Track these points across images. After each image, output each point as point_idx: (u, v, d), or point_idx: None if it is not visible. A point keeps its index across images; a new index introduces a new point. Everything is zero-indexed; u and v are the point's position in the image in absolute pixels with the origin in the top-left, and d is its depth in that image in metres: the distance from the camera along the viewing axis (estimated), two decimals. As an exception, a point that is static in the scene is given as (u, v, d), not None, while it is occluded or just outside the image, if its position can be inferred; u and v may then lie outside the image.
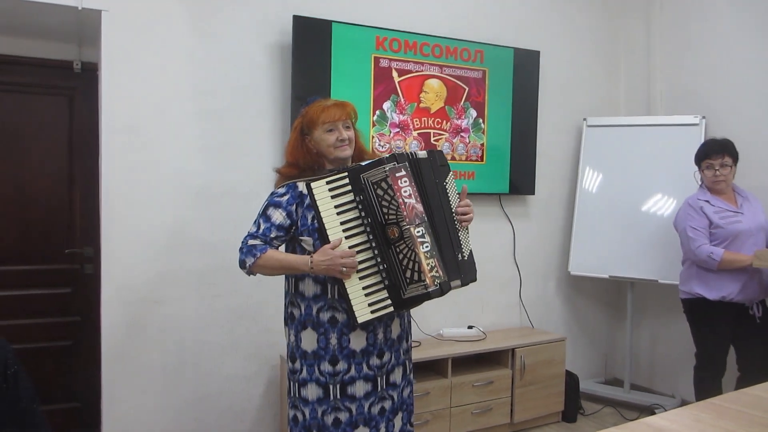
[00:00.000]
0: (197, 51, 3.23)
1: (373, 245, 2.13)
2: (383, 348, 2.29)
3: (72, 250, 3.60)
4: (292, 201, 2.24)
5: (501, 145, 3.96)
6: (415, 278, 2.11)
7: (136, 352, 3.13)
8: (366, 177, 2.12)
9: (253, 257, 2.18)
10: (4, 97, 3.46)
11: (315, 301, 2.24)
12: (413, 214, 2.14)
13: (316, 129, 2.28)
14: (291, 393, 2.33)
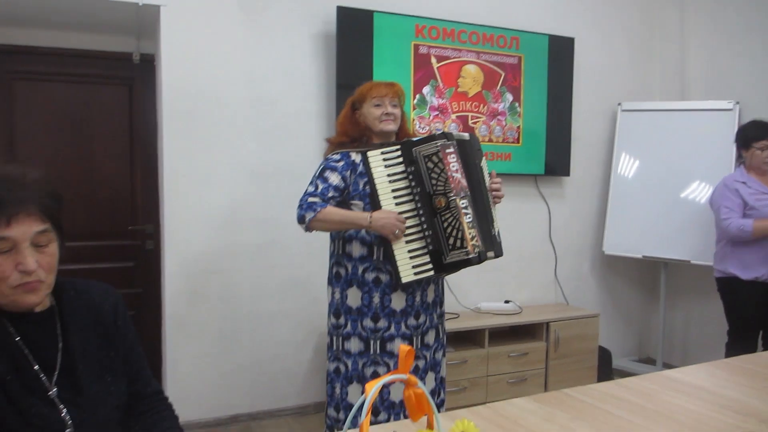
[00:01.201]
0: (249, 40, 3.45)
1: (420, 213, 2.34)
2: (420, 310, 2.50)
3: (134, 227, 3.89)
4: (346, 167, 2.44)
5: (537, 128, 4.11)
6: (457, 245, 2.33)
7: (196, 319, 3.40)
8: (418, 150, 2.34)
9: (314, 212, 2.37)
10: (72, 88, 3.75)
11: (361, 262, 2.45)
12: (459, 187, 2.35)
13: (365, 103, 2.51)
14: (333, 347, 2.55)
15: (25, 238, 1.22)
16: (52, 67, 3.68)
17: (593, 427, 1.42)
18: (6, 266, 1.21)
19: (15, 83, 3.61)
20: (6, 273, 1.21)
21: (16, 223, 1.20)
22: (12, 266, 1.21)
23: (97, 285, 1.49)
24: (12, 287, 1.22)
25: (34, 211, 1.23)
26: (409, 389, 0.87)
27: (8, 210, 1.19)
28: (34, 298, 1.27)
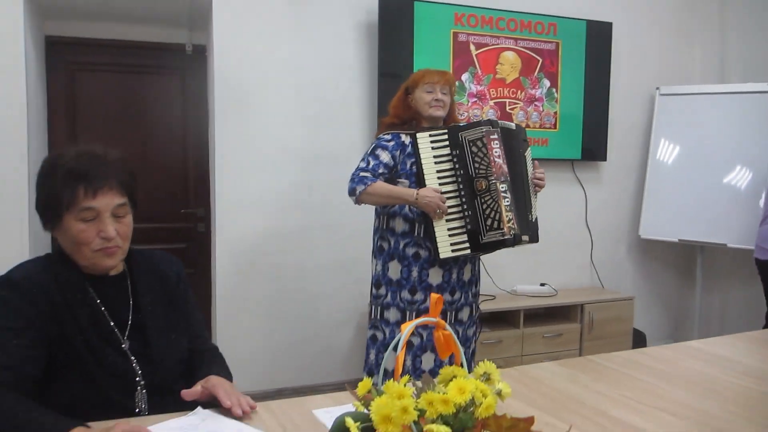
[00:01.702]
0: (295, 30, 3.61)
1: (462, 194, 2.51)
2: (455, 287, 2.65)
3: (187, 210, 4.11)
4: (396, 147, 2.61)
5: (574, 113, 4.17)
6: (494, 226, 2.48)
7: (244, 299, 3.59)
8: (464, 135, 2.52)
9: (364, 185, 2.53)
10: (128, 77, 3.97)
11: (403, 237, 2.62)
12: (500, 172, 2.51)
13: (417, 88, 2.67)
14: (372, 316, 2.73)
15: (107, 209, 1.40)
16: (110, 58, 3.91)
17: (614, 388, 1.54)
18: (90, 233, 1.39)
19: (77, 74, 3.85)
20: (89, 238, 1.39)
21: (101, 196, 1.39)
22: (95, 233, 1.39)
23: (162, 254, 1.68)
24: (93, 251, 1.41)
25: (115, 186, 1.41)
26: (439, 331, 1.01)
27: (94, 184, 1.38)
28: (111, 262, 1.46)
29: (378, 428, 0.87)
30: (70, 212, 1.37)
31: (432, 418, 0.90)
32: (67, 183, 1.37)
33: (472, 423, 0.93)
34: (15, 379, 1.27)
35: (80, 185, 1.37)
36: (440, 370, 1.00)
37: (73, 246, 1.41)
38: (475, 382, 0.93)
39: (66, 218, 1.38)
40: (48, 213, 1.41)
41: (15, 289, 1.36)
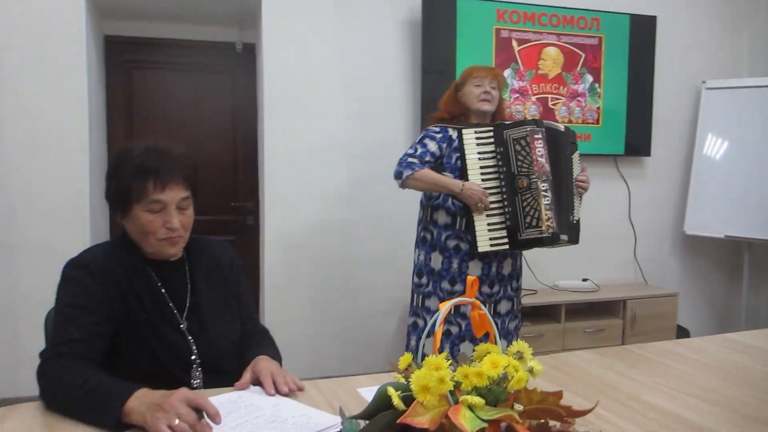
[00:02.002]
0: (341, 28, 3.71)
1: (503, 191, 2.58)
2: (494, 280, 2.72)
3: (236, 203, 4.26)
4: (443, 140, 2.70)
5: (617, 108, 4.17)
6: (533, 224, 2.54)
7: (291, 289, 3.71)
8: (508, 133, 2.59)
9: (411, 170, 2.61)
10: (180, 75, 4.13)
11: (445, 229, 2.70)
12: (542, 171, 2.57)
13: (467, 83, 2.75)
14: (414, 303, 2.82)
15: (173, 202, 1.52)
16: (164, 56, 4.08)
17: (649, 375, 1.59)
18: (156, 223, 1.51)
19: (133, 72, 4.03)
20: (156, 228, 1.51)
21: (168, 190, 1.50)
22: (161, 223, 1.51)
23: (218, 242, 1.79)
24: (158, 239, 1.53)
25: (181, 180, 1.53)
26: (474, 311, 1.08)
27: (163, 178, 1.49)
28: (174, 250, 1.58)
29: (417, 397, 0.95)
30: (140, 204, 1.49)
31: (467, 390, 0.97)
32: (138, 176, 1.48)
33: (504, 396, 1.00)
34: (85, 351, 1.39)
35: (150, 179, 1.48)
36: (475, 347, 1.07)
37: (140, 234, 1.53)
38: (507, 358, 1.01)
39: (135, 208, 1.50)
40: (118, 203, 1.53)
41: (86, 271, 1.49)
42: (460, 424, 0.89)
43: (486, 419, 0.92)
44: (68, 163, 3.36)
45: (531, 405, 1.01)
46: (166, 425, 1.15)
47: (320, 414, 1.31)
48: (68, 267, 1.51)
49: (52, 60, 3.30)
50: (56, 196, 3.35)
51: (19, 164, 3.31)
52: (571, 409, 1.00)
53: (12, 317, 3.35)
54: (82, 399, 1.27)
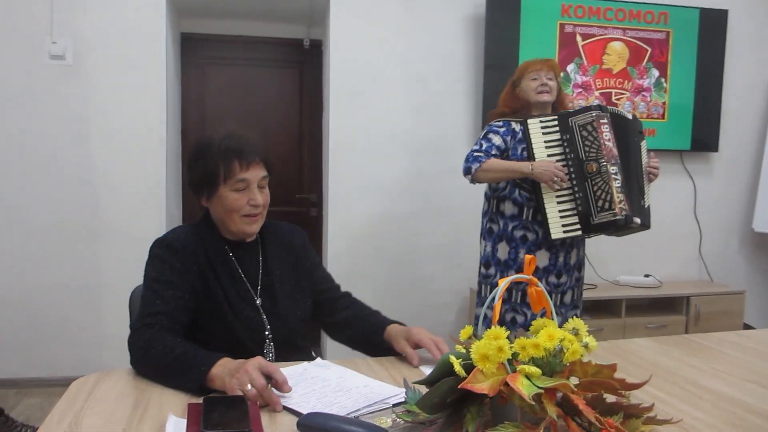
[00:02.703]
0: (406, 24, 3.79)
1: (572, 177, 2.61)
2: (561, 270, 2.74)
3: (301, 195, 4.40)
4: (507, 133, 2.74)
5: (684, 103, 4.10)
6: (605, 207, 2.56)
7: (354, 280, 3.78)
8: (574, 120, 2.63)
9: (479, 163, 2.66)
10: (249, 71, 4.30)
11: (512, 220, 2.75)
12: (611, 154, 2.59)
13: (523, 79, 2.79)
14: (482, 294, 2.86)
15: (255, 180, 1.64)
16: (236, 53, 4.25)
17: (707, 362, 1.60)
18: (242, 201, 1.63)
19: (207, 67, 4.22)
20: (241, 206, 1.63)
21: (252, 169, 1.63)
22: (245, 201, 1.63)
23: (289, 225, 1.91)
24: (241, 216, 1.65)
25: (261, 161, 1.65)
26: (532, 287, 1.14)
27: (247, 157, 1.62)
28: (254, 228, 1.70)
29: (477, 365, 1.02)
30: (226, 183, 1.61)
31: (524, 360, 1.04)
32: (225, 158, 1.60)
33: (560, 368, 1.06)
34: (169, 323, 1.52)
35: (235, 159, 1.60)
36: (533, 322, 1.13)
37: (225, 213, 1.65)
38: (563, 332, 1.07)
39: (221, 188, 1.62)
40: (204, 186, 1.64)
41: (170, 250, 1.62)
42: (518, 389, 0.96)
43: (542, 387, 0.99)
44: (147, 155, 3.57)
45: (586, 377, 1.07)
46: (239, 388, 1.26)
47: (383, 385, 1.39)
48: (154, 246, 1.65)
49: (134, 57, 3.51)
50: (136, 186, 3.56)
51: (103, 155, 3.53)
52: (625, 381, 1.05)
53: (95, 299, 3.58)
54: (169, 365, 1.38)
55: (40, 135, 3.47)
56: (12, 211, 3.48)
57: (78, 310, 3.57)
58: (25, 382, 3.52)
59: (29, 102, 3.45)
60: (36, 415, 3.08)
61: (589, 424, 0.99)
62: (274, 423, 1.18)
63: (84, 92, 3.49)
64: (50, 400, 3.15)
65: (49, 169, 3.49)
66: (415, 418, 1.11)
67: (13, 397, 3.37)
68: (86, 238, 3.55)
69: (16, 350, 3.52)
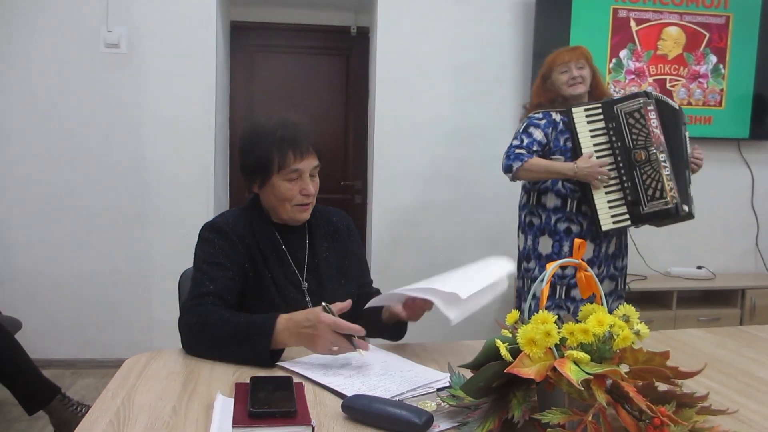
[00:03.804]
0: (452, 12, 3.75)
1: (620, 166, 2.55)
2: (602, 261, 2.67)
3: (346, 182, 4.42)
4: (548, 125, 2.65)
5: (743, 90, 3.95)
6: (656, 196, 2.51)
7: (396, 265, 3.82)
8: (620, 108, 2.56)
9: (521, 161, 2.58)
10: (297, 58, 4.34)
11: (554, 213, 2.68)
12: (659, 142, 2.53)
13: (553, 72, 2.70)
14: (524, 289, 2.80)
15: (307, 170, 1.65)
16: (284, 40, 4.29)
17: (763, 354, 1.55)
18: (294, 190, 1.64)
19: (255, 55, 4.27)
20: (293, 195, 1.64)
21: (306, 159, 1.63)
22: (297, 190, 1.64)
23: (335, 210, 1.91)
24: (293, 205, 1.66)
25: (313, 151, 1.66)
26: (581, 272, 1.12)
27: (301, 148, 1.62)
28: (306, 215, 1.72)
29: (524, 349, 1.00)
30: (280, 173, 1.62)
31: (572, 346, 1.02)
32: (280, 148, 1.60)
33: (609, 354, 1.04)
34: (219, 303, 1.54)
35: (290, 150, 1.61)
36: (582, 307, 1.11)
37: (277, 201, 1.66)
38: (613, 318, 1.04)
39: (274, 178, 1.63)
40: (257, 174, 1.65)
41: (219, 233, 1.64)
42: (566, 374, 0.94)
43: (591, 372, 0.97)
44: (196, 142, 3.63)
45: (637, 365, 1.04)
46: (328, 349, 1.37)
47: (427, 369, 1.39)
48: (204, 229, 1.67)
49: (185, 45, 3.57)
50: (185, 172, 3.63)
51: (153, 142, 3.61)
52: (678, 370, 1.02)
53: (145, 284, 3.67)
54: (232, 335, 1.42)
55: (93, 122, 3.57)
56: (65, 197, 3.59)
57: (129, 294, 3.67)
58: (81, 363, 3.64)
59: (84, 90, 3.55)
60: (91, 395, 3.18)
61: (640, 412, 0.97)
62: (319, 404, 1.19)
63: (136, 80, 3.57)
64: (104, 381, 3.25)
65: (101, 156, 3.59)
66: (460, 403, 1.11)
67: (69, 377, 3.49)
68: (136, 223, 3.64)
69: (72, 333, 3.65)
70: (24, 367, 2.54)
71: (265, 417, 1.06)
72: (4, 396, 2.68)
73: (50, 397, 2.55)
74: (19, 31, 3.48)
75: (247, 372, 1.34)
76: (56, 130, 3.55)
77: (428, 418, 1.06)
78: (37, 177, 3.56)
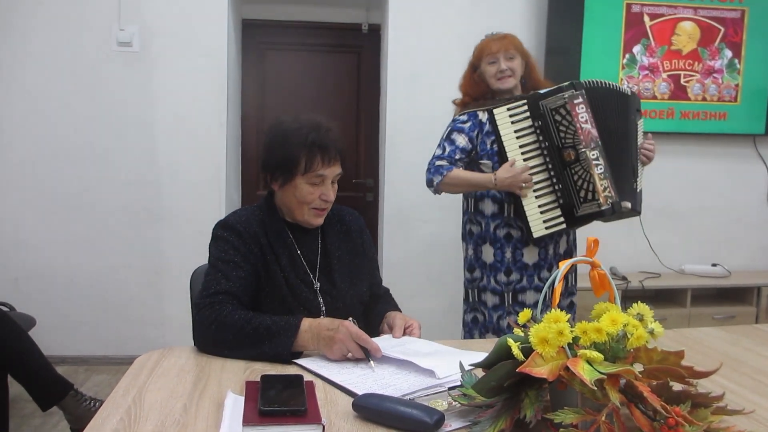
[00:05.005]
0: (464, 9, 3.73)
1: (549, 167, 2.36)
2: (552, 262, 2.51)
3: (357, 180, 4.41)
4: (473, 128, 2.48)
5: (759, 85, 3.90)
6: (588, 197, 2.33)
7: (408, 264, 3.82)
8: (544, 104, 2.34)
9: (441, 175, 2.44)
10: (308, 56, 4.32)
11: (493, 219, 2.51)
12: (589, 138, 2.32)
13: (481, 62, 2.52)
14: (470, 300, 2.65)
15: (331, 177, 1.65)
16: (295, 38, 4.28)
17: (778, 353, 1.53)
18: (315, 194, 1.64)
19: (266, 52, 4.27)
20: (312, 199, 1.64)
21: (332, 166, 1.64)
22: (317, 195, 1.64)
23: (348, 209, 1.91)
24: (311, 209, 1.66)
25: (339, 158, 1.66)
26: (594, 270, 1.11)
27: (330, 154, 1.62)
28: (321, 221, 1.72)
29: (536, 348, 0.99)
30: (304, 176, 1.62)
31: (585, 345, 1.01)
32: (308, 151, 1.60)
33: (623, 354, 1.02)
34: (234, 301, 1.54)
35: (318, 155, 1.60)
36: (595, 306, 1.10)
37: (295, 203, 1.66)
38: (627, 317, 1.03)
39: (298, 179, 1.62)
40: (280, 172, 1.64)
41: (233, 231, 1.64)
42: (579, 373, 0.93)
43: (604, 372, 0.95)
44: (208, 139, 3.64)
45: (651, 364, 1.03)
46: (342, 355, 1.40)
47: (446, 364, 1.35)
48: (217, 227, 1.67)
49: (197, 43, 3.58)
50: (197, 170, 3.64)
51: (165, 140, 3.62)
52: (693, 369, 1.01)
53: (157, 281, 3.69)
54: (252, 334, 1.43)
55: (106, 121, 3.59)
56: (78, 195, 3.62)
57: (141, 290, 3.69)
58: (94, 359, 3.67)
59: (96, 88, 3.57)
60: (104, 391, 3.20)
61: (654, 412, 0.95)
62: (330, 402, 1.19)
63: (148, 78, 3.58)
64: (117, 377, 3.27)
65: (113, 154, 3.61)
66: (472, 402, 1.10)
67: (82, 373, 3.51)
68: (149, 220, 3.66)
69: (85, 329, 3.68)
70: (37, 363, 2.56)
71: (276, 415, 1.06)
72: (19, 392, 2.70)
73: (64, 393, 2.57)
74: (32, 31, 3.51)
75: (258, 370, 1.34)
76: (69, 129, 3.58)
77: (439, 417, 1.06)
78: (51, 175, 3.59)
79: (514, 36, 2.56)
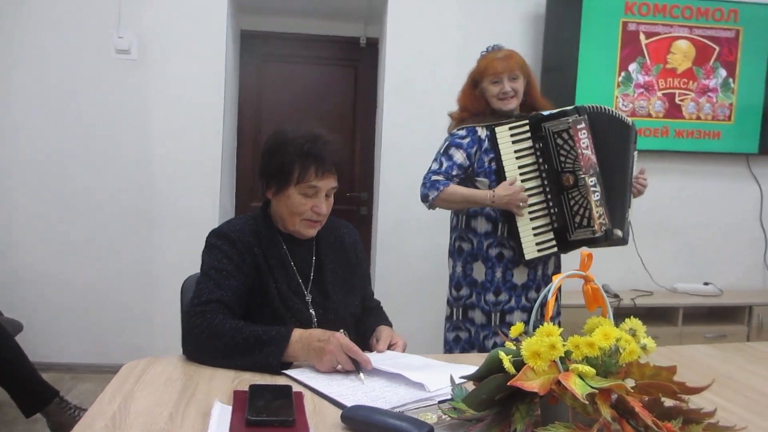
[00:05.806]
0: (462, 24, 3.75)
1: (547, 190, 2.34)
2: (541, 283, 2.50)
3: (351, 194, 4.41)
4: (472, 144, 2.45)
5: (753, 104, 3.92)
6: (584, 223, 2.31)
7: (401, 278, 3.80)
8: (547, 126, 2.31)
9: (437, 191, 2.40)
10: (305, 68, 4.34)
11: (486, 237, 2.47)
12: (588, 164, 2.30)
13: (483, 80, 2.47)
14: (454, 318, 2.59)
15: (324, 189, 1.64)
16: (293, 50, 4.30)
17: (771, 372, 1.53)
18: (307, 206, 1.62)
19: (264, 64, 4.29)
20: (304, 210, 1.63)
21: (326, 178, 1.62)
22: (310, 207, 1.63)
23: (343, 222, 1.90)
24: (302, 220, 1.65)
25: (334, 172, 1.64)
26: (587, 284, 1.10)
27: (324, 166, 1.60)
28: (312, 233, 1.70)
29: (528, 362, 0.98)
30: (297, 186, 1.60)
31: (577, 359, 1.00)
32: (303, 161, 1.58)
33: (615, 368, 1.01)
34: (226, 310, 1.53)
35: (313, 166, 1.59)
36: (587, 320, 1.09)
37: (287, 213, 1.64)
38: (619, 331, 1.02)
39: (291, 189, 1.61)
40: (274, 182, 1.63)
41: (227, 240, 1.62)
42: (571, 387, 0.92)
43: (596, 387, 0.94)
44: (204, 148, 3.63)
45: (643, 379, 1.02)
46: (332, 367, 1.38)
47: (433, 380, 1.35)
48: (211, 236, 1.66)
49: (195, 53, 3.59)
50: (192, 176, 3.64)
51: (162, 147, 3.62)
52: (685, 385, 1.00)
53: (148, 287, 3.66)
54: (241, 344, 1.41)
55: (103, 127, 3.58)
56: (71, 201, 3.60)
57: (131, 297, 3.67)
58: (81, 367, 3.64)
59: (94, 95, 3.57)
60: (90, 399, 3.14)
61: (646, 428, 0.94)
62: (319, 414, 1.17)
63: (146, 86, 3.58)
64: (103, 386, 3.24)
65: (109, 161, 3.60)
66: (462, 415, 1.08)
67: (68, 381, 3.47)
68: (141, 228, 3.65)
69: (73, 336, 3.65)
70: (23, 369, 2.53)
71: (263, 425, 1.05)
72: (2, 397, 2.67)
73: (48, 399, 2.54)
74: (31, 37, 3.51)
75: (246, 380, 1.33)
76: (66, 135, 3.57)
77: (429, 430, 1.04)
78: (43, 181, 3.58)
79: (518, 55, 2.52)
